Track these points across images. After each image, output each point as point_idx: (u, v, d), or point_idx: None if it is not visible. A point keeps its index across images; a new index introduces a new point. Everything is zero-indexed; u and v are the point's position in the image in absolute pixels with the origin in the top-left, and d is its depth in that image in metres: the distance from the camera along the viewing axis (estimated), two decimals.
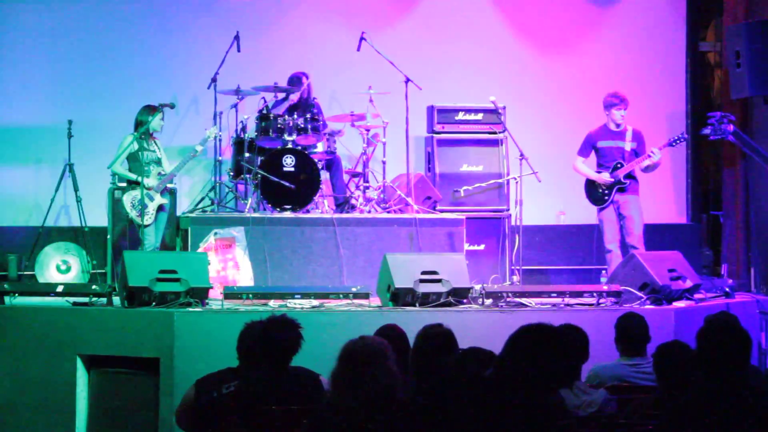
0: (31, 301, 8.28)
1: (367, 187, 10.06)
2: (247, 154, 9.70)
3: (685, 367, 5.18)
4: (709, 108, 11.15)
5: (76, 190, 9.95)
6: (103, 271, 9.85)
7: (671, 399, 4.98)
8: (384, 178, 10.09)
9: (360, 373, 4.31)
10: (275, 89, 9.95)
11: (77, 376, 7.81)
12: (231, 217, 9.37)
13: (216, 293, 8.28)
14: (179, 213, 9.82)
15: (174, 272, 7.84)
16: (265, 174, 9.34)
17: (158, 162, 9.44)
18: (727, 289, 9.27)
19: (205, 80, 10.02)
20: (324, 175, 9.86)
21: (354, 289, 8.31)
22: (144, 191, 9.04)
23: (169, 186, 9.51)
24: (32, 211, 10.59)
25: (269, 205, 9.41)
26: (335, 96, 10.98)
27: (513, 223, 10.08)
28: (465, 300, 8.22)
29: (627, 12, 11.65)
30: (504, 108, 10.31)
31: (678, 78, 11.66)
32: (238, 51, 10.24)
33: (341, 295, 8.25)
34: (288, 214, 9.38)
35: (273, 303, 8.07)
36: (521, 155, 9.76)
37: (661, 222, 9.92)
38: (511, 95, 10.73)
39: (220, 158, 9.96)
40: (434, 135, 10.45)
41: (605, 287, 8.56)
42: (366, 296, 8.27)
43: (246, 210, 9.47)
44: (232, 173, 9.90)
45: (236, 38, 10.21)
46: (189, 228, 9.18)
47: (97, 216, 9.96)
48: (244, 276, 9.07)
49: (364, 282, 8.65)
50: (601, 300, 8.35)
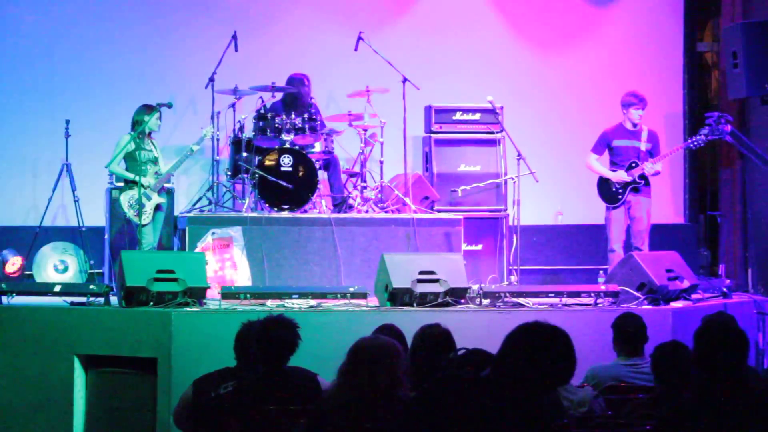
0: (29, 301, 8.26)
1: (365, 187, 10.06)
2: (245, 154, 9.70)
3: (683, 367, 5.19)
4: (707, 108, 11.16)
5: (74, 190, 9.95)
6: (101, 271, 9.86)
7: (669, 399, 4.98)
8: (381, 178, 10.08)
9: (369, 372, 4.31)
10: (273, 89, 9.95)
11: (75, 376, 7.80)
12: (228, 217, 9.36)
13: (213, 293, 8.27)
14: (177, 213, 9.83)
15: (171, 272, 7.83)
16: (263, 174, 9.34)
17: (155, 161, 9.44)
18: (725, 290, 9.27)
19: (203, 80, 10.02)
20: (322, 175, 9.85)
21: (351, 289, 8.30)
22: (141, 191, 9.04)
23: (167, 185, 9.51)
24: (30, 211, 10.59)
25: (267, 205, 9.41)
26: (333, 96, 10.98)
27: (511, 223, 10.08)
28: (463, 300, 8.21)
29: (624, 12, 11.67)
30: (501, 108, 10.31)
31: (675, 78, 11.67)
32: (236, 51, 10.24)
33: (339, 295, 8.23)
34: (285, 214, 9.37)
35: (270, 303, 8.06)
36: (519, 155, 9.76)
37: (659, 222, 9.91)
38: (509, 95, 10.73)
39: (218, 158, 9.96)
40: (432, 135, 10.45)
41: (603, 287, 8.56)
42: (364, 296, 8.25)
43: (243, 210, 9.47)
44: (230, 173, 9.89)
45: (234, 38, 10.21)
46: (186, 228, 9.17)
47: (95, 216, 9.96)
48: (242, 276, 9.06)
49: (362, 282, 8.64)
50: (599, 300, 8.34)
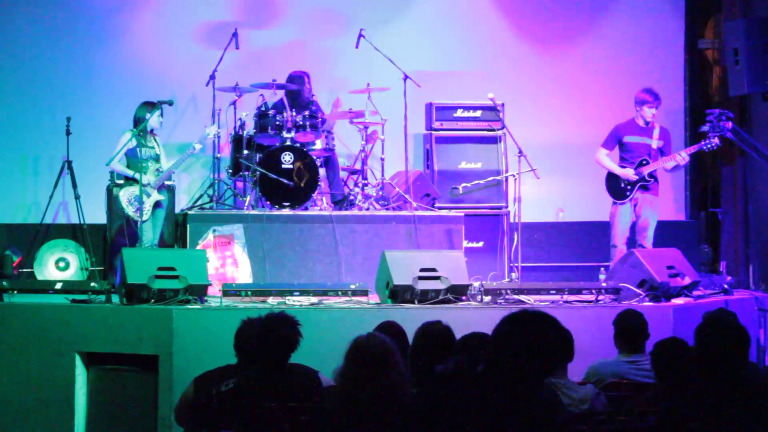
0: (30, 299, 8.27)
1: (366, 185, 10.05)
2: (246, 151, 9.69)
3: (682, 364, 5.19)
4: (708, 105, 11.15)
5: (75, 187, 9.94)
6: (102, 268, 9.86)
7: (669, 395, 4.98)
8: (383, 176, 10.07)
9: (374, 370, 4.31)
10: (274, 86, 9.94)
11: (76, 374, 7.79)
12: (230, 215, 9.36)
13: (215, 290, 8.28)
14: (178, 210, 9.83)
15: (173, 269, 7.84)
16: (264, 171, 9.34)
17: (156, 159, 9.43)
18: (726, 286, 9.28)
19: (204, 77, 10.01)
20: (322, 173, 9.85)
21: (353, 286, 8.31)
22: (141, 188, 9.04)
23: (168, 183, 9.51)
24: (31, 209, 10.59)
25: (268, 203, 9.40)
26: (333, 93, 10.97)
27: (512, 220, 10.08)
28: (464, 297, 8.22)
29: (625, 9, 11.65)
30: (503, 105, 10.31)
31: (676, 75, 11.67)
32: (237, 48, 10.24)
33: (340, 292, 8.24)
34: (287, 212, 9.37)
35: (272, 300, 8.07)
36: (520, 152, 9.75)
37: (660, 219, 9.91)
38: (510, 92, 10.73)
39: (219, 155, 9.95)
40: (433, 132, 10.45)
41: (604, 284, 8.56)
42: (365, 293, 8.26)
43: (245, 207, 9.46)
44: (231, 170, 9.89)
45: (234, 35, 10.21)
46: (188, 225, 9.17)
47: (96, 213, 9.95)
48: (243, 273, 9.07)
49: (363, 279, 8.64)
50: (600, 297, 8.34)
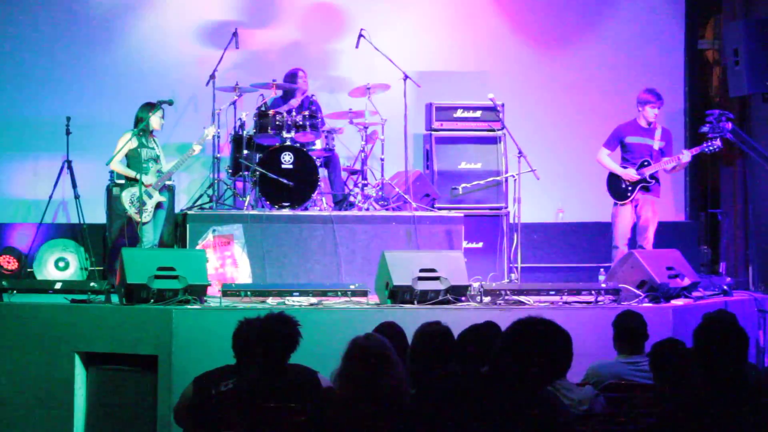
0: (30, 299, 8.27)
1: (366, 185, 10.05)
2: (246, 151, 9.69)
3: (680, 365, 5.18)
4: (708, 106, 11.15)
5: (75, 187, 9.94)
6: (102, 268, 9.85)
7: (668, 397, 4.98)
8: (382, 176, 10.07)
9: (372, 371, 4.31)
10: (274, 86, 9.95)
11: (75, 374, 7.80)
12: (229, 215, 9.36)
13: (214, 290, 8.28)
14: (177, 210, 9.82)
15: (172, 269, 7.84)
16: (264, 171, 9.34)
17: (157, 159, 9.43)
18: (725, 287, 9.27)
19: (204, 77, 10.02)
20: (322, 173, 9.85)
21: (352, 287, 8.31)
22: (142, 188, 9.04)
23: (168, 183, 9.51)
24: (31, 208, 10.59)
25: (267, 203, 9.40)
26: (334, 93, 10.98)
27: (511, 221, 10.07)
28: (463, 297, 8.22)
29: (626, 10, 11.66)
30: (502, 105, 10.31)
31: (676, 76, 11.67)
32: (237, 48, 10.24)
33: (339, 293, 8.25)
34: (286, 212, 9.37)
35: (271, 300, 8.07)
36: (520, 153, 9.74)
37: (660, 220, 9.91)
38: (510, 93, 10.73)
39: (219, 155, 9.95)
40: (433, 132, 10.44)
41: (603, 285, 8.56)
42: (364, 294, 8.26)
43: (244, 207, 9.46)
44: (231, 170, 9.89)
45: (235, 35, 10.21)
46: (187, 225, 9.17)
47: (96, 213, 9.95)
48: (243, 273, 9.07)
49: (363, 279, 8.64)
50: (600, 298, 8.34)
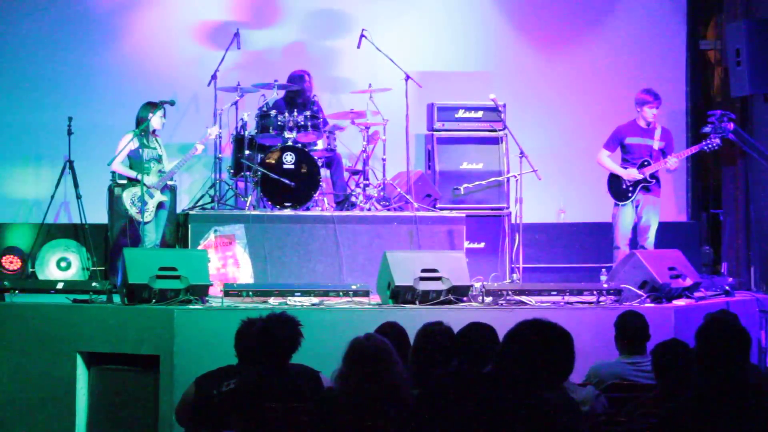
0: (31, 299, 8.27)
1: (367, 185, 10.04)
2: (248, 152, 9.69)
3: (682, 365, 5.19)
4: (709, 106, 11.15)
5: (76, 187, 9.94)
6: (104, 268, 9.86)
7: (670, 397, 4.98)
8: (384, 176, 10.07)
9: (372, 371, 4.31)
10: (275, 86, 9.95)
11: (77, 374, 7.81)
12: (231, 215, 9.36)
13: (216, 290, 8.28)
14: (179, 210, 9.83)
15: (174, 269, 7.84)
16: (265, 171, 9.34)
17: (159, 159, 9.43)
18: (727, 288, 9.27)
19: (205, 77, 10.02)
20: (324, 173, 9.85)
21: (354, 287, 8.31)
22: (144, 188, 9.04)
23: (169, 183, 9.51)
24: (32, 208, 10.59)
25: (269, 203, 9.41)
26: (335, 93, 10.98)
27: (513, 221, 10.08)
28: (465, 298, 8.21)
29: (627, 10, 11.65)
30: (504, 106, 10.31)
31: (678, 76, 11.66)
32: (239, 48, 10.24)
33: (341, 293, 8.25)
34: (288, 212, 9.37)
35: (273, 300, 8.07)
36: (521, 153, 9.74)
37: (662, 220, 9.91)
38: (512, 93, 10.73)
39: (220, 155, 9.95)
40: (434, 133, 10.44)
41: (605, 285, 8.56)
42: (366, 294, 8.26)
43: (246, 207, 9.46)
44: (232, 171, 9.89)
45: (236, 35, 10.21)
46: (189, 226, 9.17)
47: (98, 213, 9.95)
48: (244, 273, 9.07)
49: (364, 280, 8.64)
50: (601, 298, 8.35)
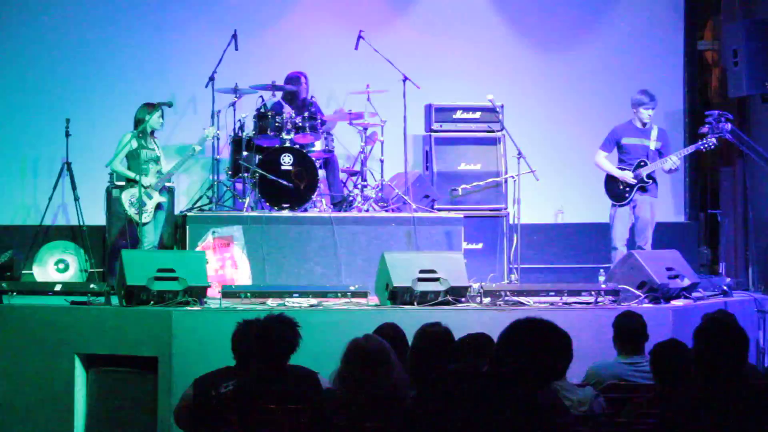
0: (29, 300, 8.27)
1: (365, 186, 10.05)
2: (245, 153, 9.70)
3: (681, 366, 5.19)
4: (707, 107, 11.15)
5: (74, 189, 9.94)
6: (101, 270, 9.85)
7: (669, 397, 4.98)
8: (382, 177, 10.08)
9: (371, 372, 4.31)
10: (273, 88, 9.95)
11: (75, 376, 7.79)
12: (229, 216, 9.37)
13: (214, 292, 8.27)
14: (177, 211, 9.83)
15: (172, 271, 7.83)
16: (263, 173, 9.34)
17: (157, 160, 9.43)
18: (725, 288, 9.28)
19: (203, 79, 10.01)
20: (321, 174, 9.85)
21: (352, 288, 8.31)
22: (142, 189, 9.04)
23: (168, 184, 9.51)
24: (30, 210, 10.58)
25: (267, 204, 9.41)
26: (333, 94, 10.98)
27: (511, 222, 10.08)
28: (463, 299, 8.21)
29: (625, 11, 11.66)
30: (502, 106, 10.31)
31: (676, 77, 11.67)
32: (236, 49, 10.23)
33: (339, 294, 8.25)
34: (286, 213, 9.38)
35: (271, 302, 8.07)
36: (519, 154, 9.75)
37: (659, 220, 9.91)
38: (509, 94, 10.72)
39: (218, 157, 9.95)
40: (432, 134, 10.45)
41: (603, 286, 8.56)
42: (364, 295, 8.27)
43: (244, 209, 9.47)
44: (230, 172, 9.89)
45: (234, 37, 10.21)
46: (187, 227, 9.17)
47: (96, 215, 9.95)
48: (243, 275, 9.07)
49: (363, 281, 8.64)
50: (600, 299, 8.35)
